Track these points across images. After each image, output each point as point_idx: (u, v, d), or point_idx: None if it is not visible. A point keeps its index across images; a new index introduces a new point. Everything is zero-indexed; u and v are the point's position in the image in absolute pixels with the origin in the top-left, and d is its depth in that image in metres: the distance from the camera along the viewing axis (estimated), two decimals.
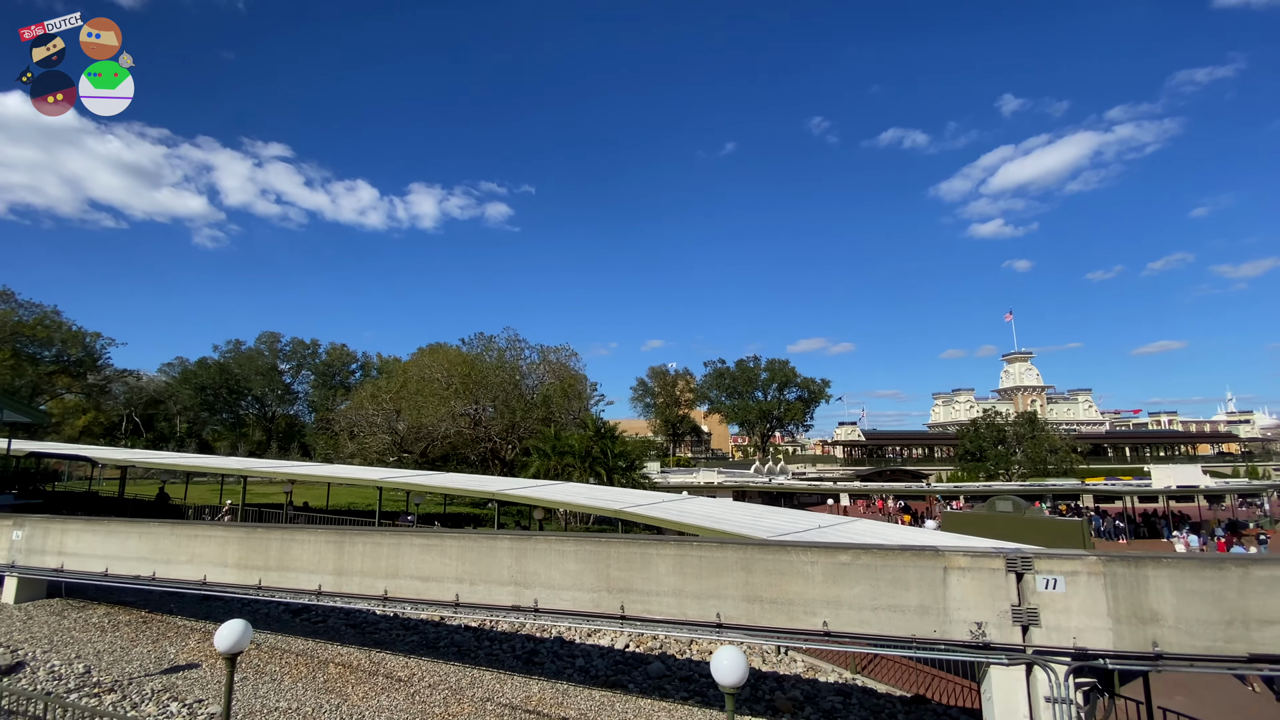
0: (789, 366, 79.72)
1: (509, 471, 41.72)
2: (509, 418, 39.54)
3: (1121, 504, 47.58)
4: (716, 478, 50.28)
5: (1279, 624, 8.26)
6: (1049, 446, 52.41)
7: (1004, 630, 9.16)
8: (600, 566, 11.22)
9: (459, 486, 23.67)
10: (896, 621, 9.59)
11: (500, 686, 13.60)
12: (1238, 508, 51.92)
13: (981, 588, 9.34)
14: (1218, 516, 44.38)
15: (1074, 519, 19.60)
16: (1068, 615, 8.99)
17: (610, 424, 42.31)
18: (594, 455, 37.64)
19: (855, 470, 70.34)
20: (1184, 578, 8.66)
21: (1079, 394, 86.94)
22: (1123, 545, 39.44)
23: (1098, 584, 8.92)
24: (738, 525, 18.13)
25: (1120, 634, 8.76)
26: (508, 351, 53.02)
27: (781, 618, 10.10)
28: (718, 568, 10.54)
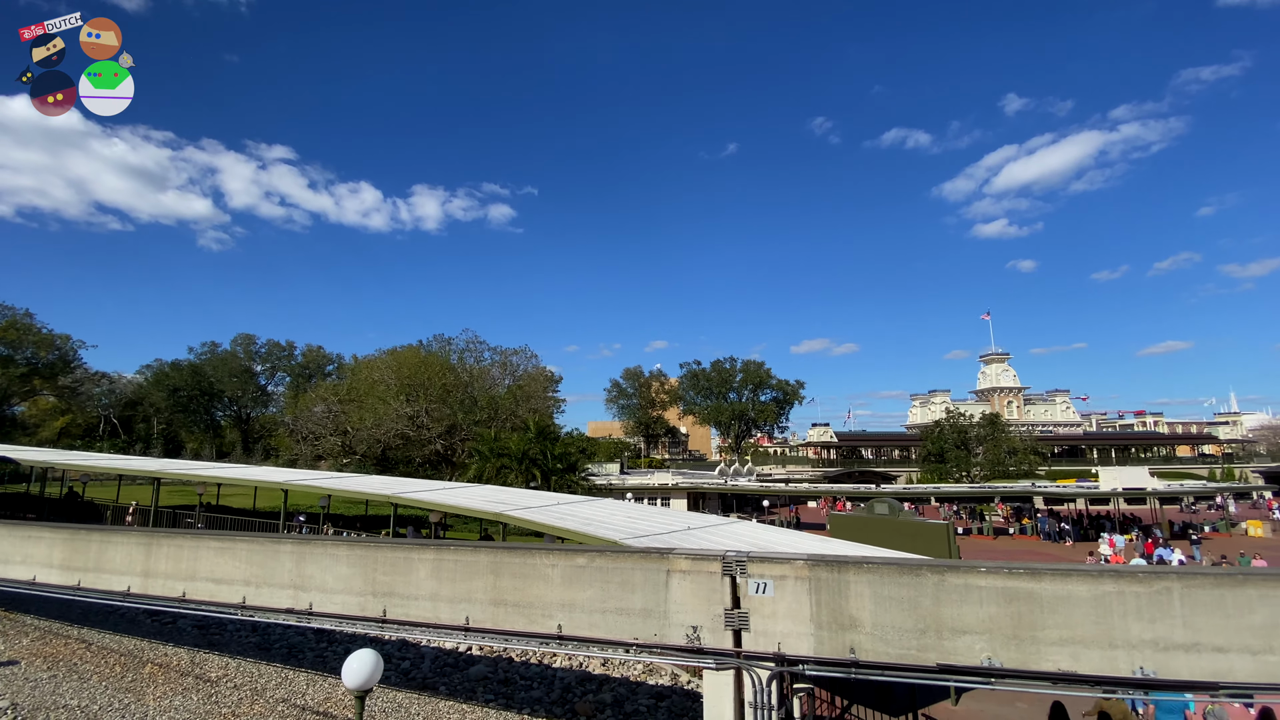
0: (764, 368, 79.63)
1: (457, 473, 41.82)
2: (450, 419, 39.67)
3: (1074, 506, 47.14)
4: (671, 479, 50.12)
5: (970, 634, 8.16)
6: (1008, 448, 52.04)
7: (717, 635, 9.10)
8: (368, 570, 11.26)
9: (357, 490, 23.77)
10: (623, 624, 9.56)
11: (308, 688, 13.65)
12: (1193, 510, 51.33)
13: (699, 591, 9.29)
14: (1169, 519, 43.84)
15: (940, 522, 19.21)
16: (774, 620, 8.92)
17: (554, 426, 42.33)
18: (531, 456, 37.70)
19: (824, 472, 70.09)
20: (883, 584, 8.57)
21: (1057, 395, 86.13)
22: (1067, 547, 39.09)
23: (803, 589, 8.85)
24: (611, 529, 18.13)
25: (821, 640, 8.68)
26: (466, 353, 53.34)
27: (523, 620, 10.09)
28: (470, 571, 10.55)
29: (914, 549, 17.94)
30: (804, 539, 19.00)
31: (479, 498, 23.91)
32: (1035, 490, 40.97)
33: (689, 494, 49.48)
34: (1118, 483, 39.88)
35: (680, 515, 21.74)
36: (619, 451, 76.12)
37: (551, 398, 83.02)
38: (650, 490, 49.26)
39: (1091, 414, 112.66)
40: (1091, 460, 79.71)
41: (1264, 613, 7.42)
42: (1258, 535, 42.60)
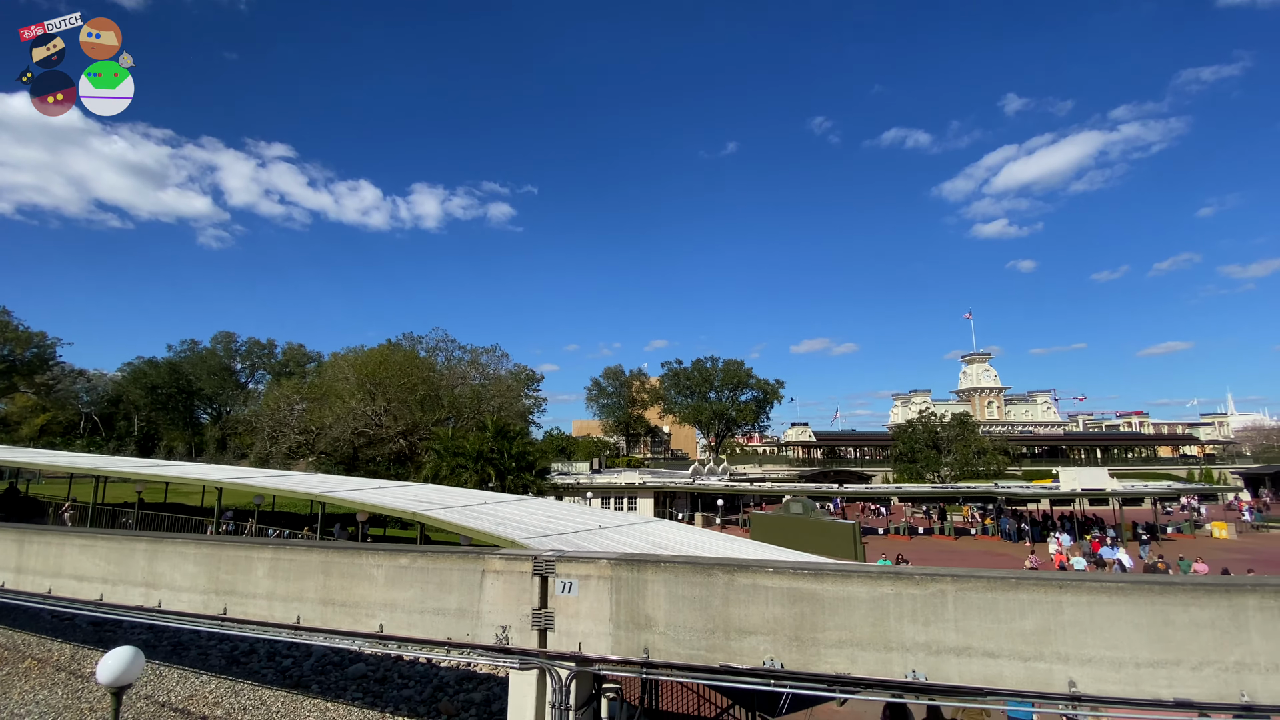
0: (744, 368, 79.41)
1: (417, 472, 41.74)
2: (409, 418, 39.68)
3: (1039, 506, 47.00)
4: (639, 479, 50.06)
5: (756, 634, 8.11)
6: (976, 449, 51.90)
7: (525, 634, 9.07)
8: (213, 569, 11.24)
9: (285, 488, 23.74)
10: (439, 624, 9.53)
11: (178, 685, 13.65)
12: (1166, 511, 51.13)
13: (511, 591, 9.26)
14: (1134, 520, 43.69)
15: (847, 522, 19.00)
16: (577, 620, 8.89)
17: (515, 425, 42.25)
18: (486, 456, 37.65)
19: (800, 471, 69.98)
20: (678, 584, 8.53)
21: (1037, 395, 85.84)
22: (1025, 547, 38.94)
23: (605, 589, 8.80)
24: (521, 528, 18.07)
25: (619, 639, 8.64)
26: (437, 351, 53.33)
27: (349, 620, 10.07)
28: (303, 571, 10.53)
29: (821, 547, 17.89)
30: (713, 539, 18.96)
31: (407, 497, 23.84)
32: (996, 491, 40.84)
33: (656, 494, 49.40)
34: (1077, 484, 39.76)
35: (599, 515, 21.69)
36: (598, 451, 76.15)
37: (532, 396, 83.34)
38: (617, 490, 49.23)
39: (1079, 415, 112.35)
40: (1076, 461, 79.50)
41: (1035, 618, 7.35)
42: (1222, 537, 42.42)
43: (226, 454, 57.80)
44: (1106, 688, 7.07)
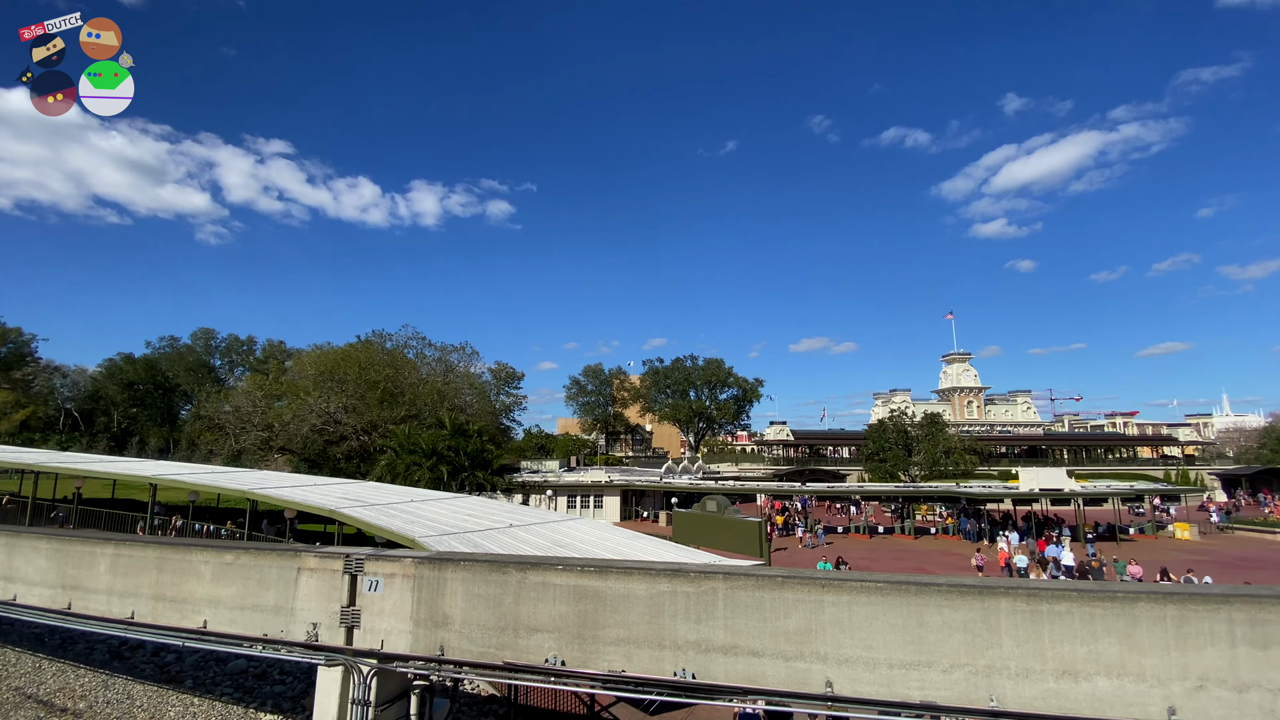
0: (724, 366, 79.40)
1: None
2: (369, 416, 39.68)
3: (1001, 506, 46.87)
4: (605, 477, 50.03)
5: (542, 632, 8.11)
6: (944, 448, 51.85)
7: (334, 632, 9.08)
8: (62, 564, 11.25)
9: (219, 485, 23.80)
10: (257, 620, 9.54)
11: (53, 679, 13.67)
12: (1137, 512, 50.97)
13: (323, 588, 9.26)
14: (1097, 520, 43.62)
15: (753, 519, 18.99)
16: (381, 618, 8.89)
17: (473, 424, 42.15)
18: (440, 453, 37.67)
19: (775, 470, 69.95)
20: (475, 582, 8.53)
21: (1018, 395, 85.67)
22: (984, 546, 38.90)
23: (408, 587, 8.80)
24: (430, 525, 18.24)
25: (418, 637, 8.65)
26: (407, 349, 53.31)
27: (177, 615, 10.08)
28: (140, 567, 10.54)
29: (730, 544, 17.94)
30: (615, 538, 18.95)
31: (337, 495, 23.85)
32: (957, 491, 40.73)
33: (622, 492, 49.37)
34: (1035, 484, 39.68)
35: (522, 513, 21.71)
36: (576, 449, 76.07)
37: (512, 394, 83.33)
38: (583, 488, 49.21)
39: (1065, 415, 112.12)
40: (1058, 461, 79.20)
41: (799, 617, 7.33)
42: (1184, 538, 42.30)
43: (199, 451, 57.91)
44: (861, 688, 7.06)
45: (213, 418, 42.88)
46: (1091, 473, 70.21)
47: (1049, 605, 6.76)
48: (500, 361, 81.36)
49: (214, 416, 42.89)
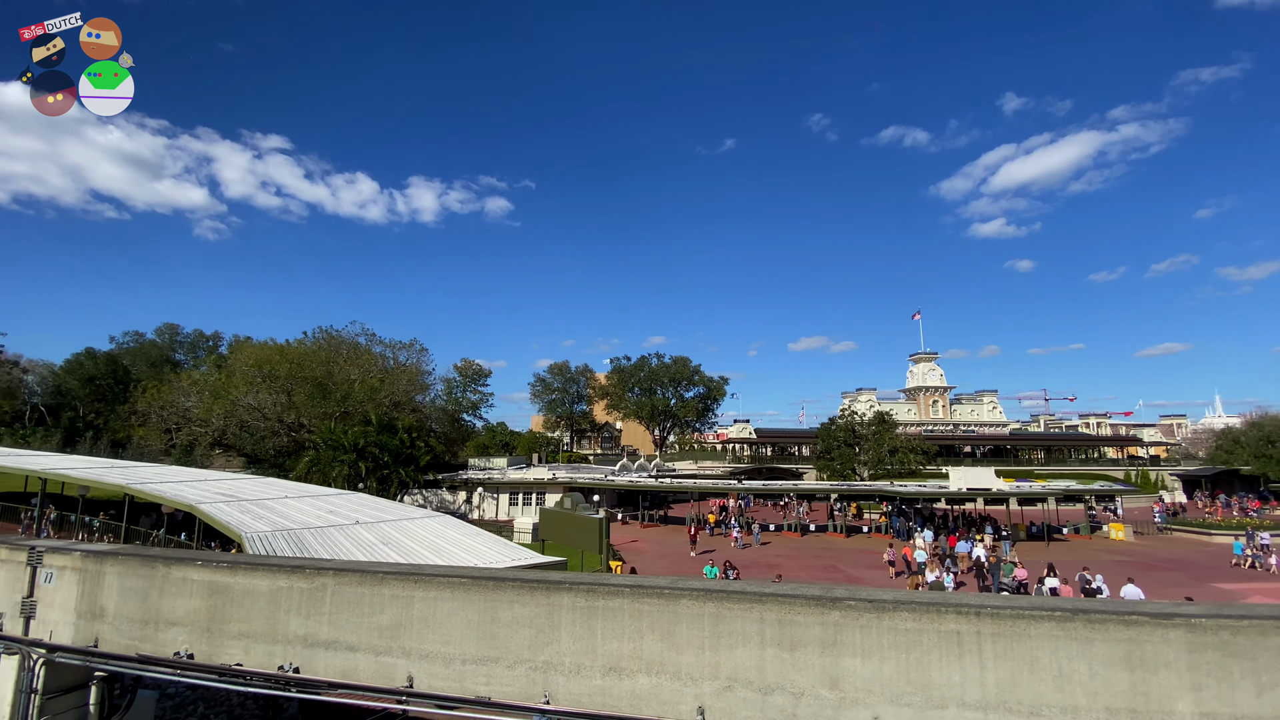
0: (691, 364, 79.48)
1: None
2: (296, 413, 39.91)
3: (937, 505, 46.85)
4: (548, 474, 50.22)
5: (178, 626, 8.26)
6: (889, 447, 51.77)
7: (14, 621, 9.25)
8: None
9: (95, 479, 24.08)
10: None
11: None
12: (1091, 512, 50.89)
13: (9, 579, 9.44)
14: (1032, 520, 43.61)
15: (596, 517, 19.33)
16: (53, 609, 9.06)
17: (402, 420, 42.32)
18: (362, 450, 37.88)
19: (734, 468, 70.01)
20: (128, 576, 8.68)
21: (984, 395, 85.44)
22: (895, 542, 38.94)
23: (75, 579, 8.97)
24: (262, 520, 18.74)
25: (79, 629, 8.81)
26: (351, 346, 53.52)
27: None
28: None
29: (575, 539, 18.22)
30: (452, 534, 19.09)
31: (213, 490, 23.90)
32: (883, 490, 40.87)
33: (565, 489, 49.53)
34: (963, 483, 39.71)
35: (381, 510, 21.90)
36: (540, 446, 76.38)
37: (479, 391, 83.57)
38: (525, 485, 49.36)
39: (1040, 415, 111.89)
40: (1027, 461, 79.08)
41: (392, 613, 7.45)
42: (1118, 539, 42.27)
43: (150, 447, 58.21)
44: (437, 684, 7.18)
45: (144, 413, 43.13)
46: (1052, 472, 70.06)
47: (604, 601, 6.86)
48: (466, 358, 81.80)
49: (146, 412, 43.15)
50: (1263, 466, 56.42)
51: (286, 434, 40.36)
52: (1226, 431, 67.30)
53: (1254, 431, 59.87)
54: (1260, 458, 56.73)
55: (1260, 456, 56.81)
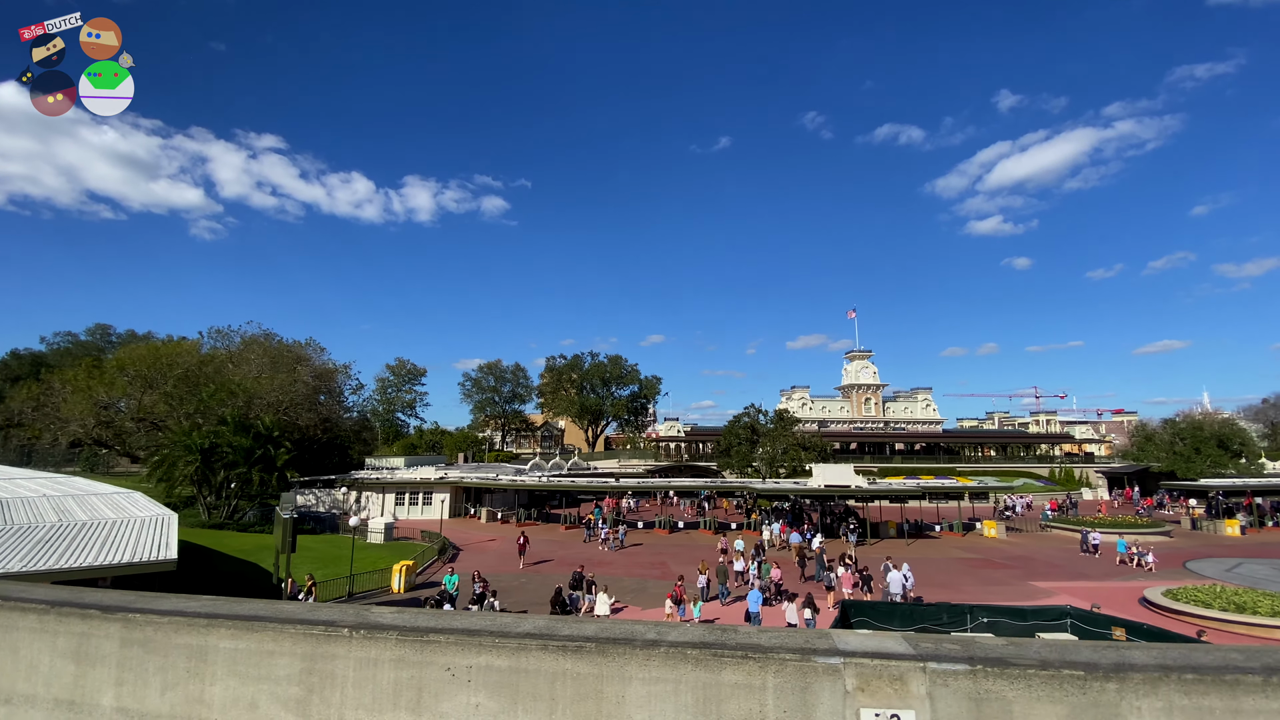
0: (625, 363, 79.26)
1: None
2: (160, 411, 39.78)
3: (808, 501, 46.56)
4: (434, 474, 50.02)
5: None
6: (782, 446, 51.33)
7: None
8: None
9: None
10: None
11: None
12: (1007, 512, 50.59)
13: None
14: (909, 518, 43.23)
15: (287, 516, 19.45)
16: None
17: (263, 420, 42.06)
18: (205, 450, 37.74)
19: (658, 466, 69.65)
20: None
21: (919, 392, 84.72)
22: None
23: None
24: None
25: None
26: (255, 345, 53.41)
27: None
28: None
29: (275, 540, 18.15)
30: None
31: None
32: (740, 486, 40.59)
33: (454, 489, 49.33)
34: (822, 480, 39.36)
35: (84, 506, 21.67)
36: (468, 446, 76.24)
37: (413, 391, 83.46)
38: (413, 485, 49.19)
39: (994, 413, 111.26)
40: (965, 459, 78.57)
41: None
42: (991, 535, 41.88)
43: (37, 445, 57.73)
44: None
45: (12, 413, 43.08)
46: (976, 470, 69.65)
47: None
48: (400, 358, 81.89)
49: (20, 411, 43.10)
50: (1171, 464, 55.82)
51: (146, 433, 40.23)
52: (1140, 428, 66.73)
53: (1167, 430, 59.31)
54: (1172, 455, 56.16)
55: (1172, 454, 56.25)
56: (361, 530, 39.24)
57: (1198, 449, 53.71)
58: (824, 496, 40.24)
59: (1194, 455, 53.60)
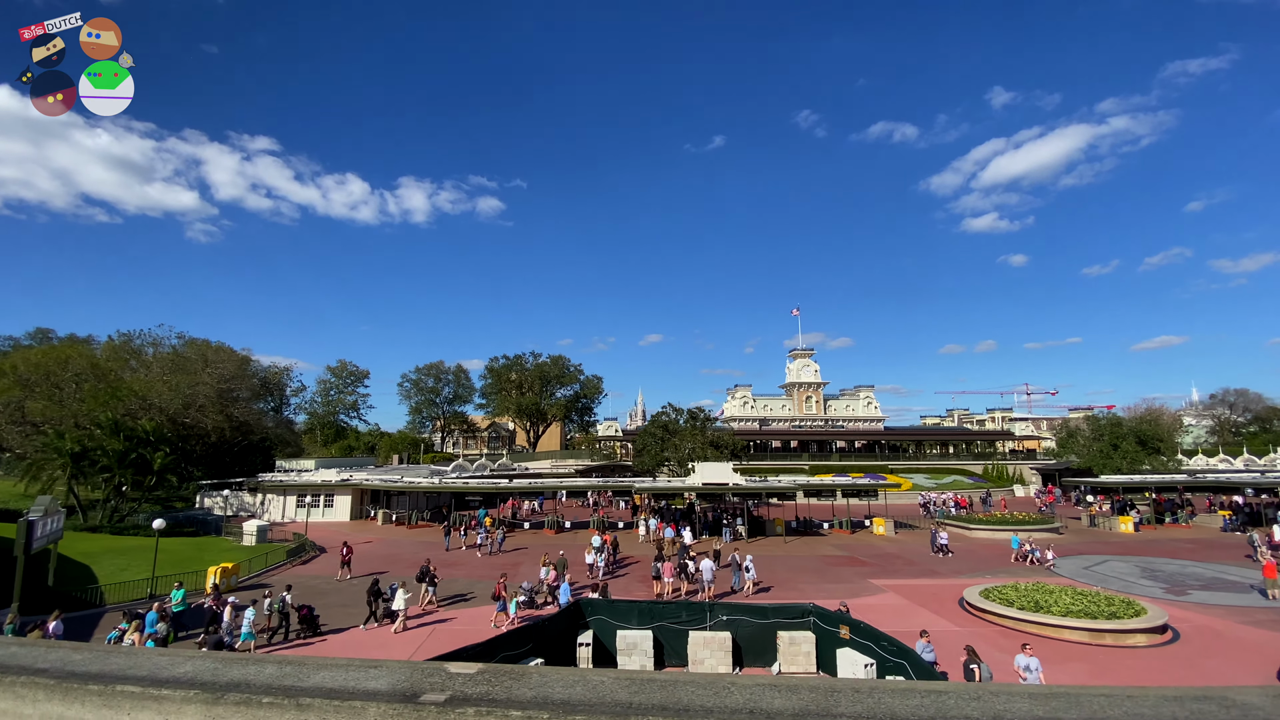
0: (567, 363, 78.95)
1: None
2: (43, 415, 39.64)
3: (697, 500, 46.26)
4: (335, 476, 49.82)
5: None
6: (689, 445, 50.95)
7: None
8: None
9: None
10: None
11: None
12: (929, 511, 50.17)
13: None
14: (804, 516, 42.94)
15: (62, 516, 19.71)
16: None
17: (145, 423, 41.89)
18: (79, 453, 37.62)
19: (588, 465, 69.37)
20: None
21: (861, 390, 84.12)
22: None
23: None
24: None
25: None
26: (160, 346, 53.32)
27: None
28: None
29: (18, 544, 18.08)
30: None
31: None
32: (628, 484, 40.41)
33: (356, 491, 49.12)
34: (699, 479, 39.09)
35: None
36: (404, 447, 76.08)
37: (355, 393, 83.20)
38: (314, 488, 48.99)
39: (954, 410, 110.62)
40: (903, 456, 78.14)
41: None
42: (880, 533, 41.55)
43: None
44: None
45: None
46: (909, 467, 69.20)
47: None
48: (343, 360, 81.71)
49: None
50: (1089, 460, 55.33)
51: (24, 436, 40.15)
52: (1063, 425, 66.21)
53: (1090, 426, 58.80)
54: (1091, 452, 55.63)
55: (1091, 451, 55.71)
56: (236, 533, 39.16)
57: (1115, 445, 53.12)
58: (704, 494, 39.99)
59: (1112, 452, 53.02)
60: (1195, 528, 42.08)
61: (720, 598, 23.02)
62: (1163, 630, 20.78)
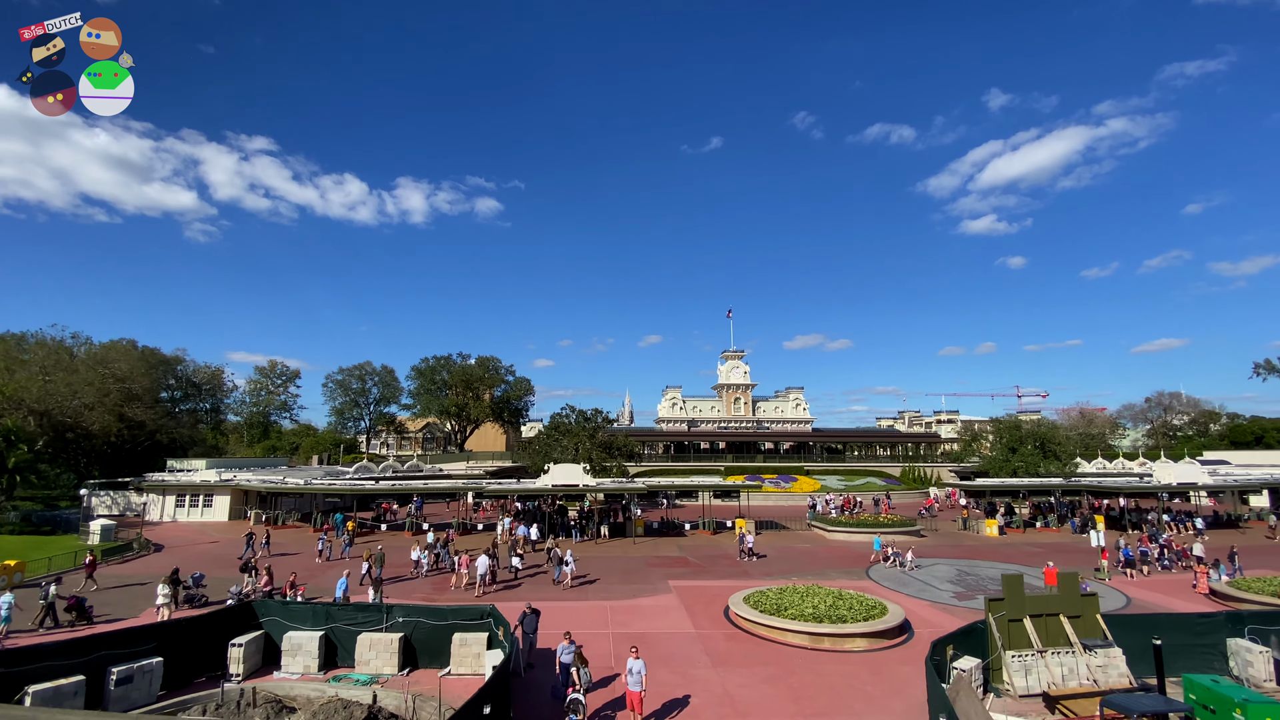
0: (496, 364, 78.66)
1: None
2: None
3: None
4: (216, 477, 49.67)
5: None
6: (574, 444, 50.56)
7: None
8: None
9: None
10: None
11: None
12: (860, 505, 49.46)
13: None
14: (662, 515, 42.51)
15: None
16: None
17: (12, 421, 41.89)
18: None
19: (502, 467, 69.08)
20: None
21: (791, 392, 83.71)
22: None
23: None
24: None
25: None
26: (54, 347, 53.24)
27: None
28: None
29: None
30: None
31: None
32: (483, 488, 40.18)
33: (234, 492, 48.88)
34: (551, 479, 38.86)
35: None
36: (325, 447, 75.88)
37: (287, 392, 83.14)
38: (193, 488, 48.78)
39: (905, 412, 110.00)
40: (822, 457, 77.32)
41: None
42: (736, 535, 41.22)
43: None
44: None
45: None
46: (826, 469, 68.59)
47: None
48: (274, 359, 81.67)
49: None
50: (987, 463, 54.79)
51: None
52: (966, 428, 65.60)
53: (993, 429, 58.18)
54: (990, 456, 55.07)
55: (991, 455, 55.15)
56: (85, 532, 39.06)
57: (1013, 449, 52.56)
58: (551, 495, 39.76)
59: (1009, 455, 52.45)
60: (1062, 532, 41.60)
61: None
62: (898, 633, 20.43)
